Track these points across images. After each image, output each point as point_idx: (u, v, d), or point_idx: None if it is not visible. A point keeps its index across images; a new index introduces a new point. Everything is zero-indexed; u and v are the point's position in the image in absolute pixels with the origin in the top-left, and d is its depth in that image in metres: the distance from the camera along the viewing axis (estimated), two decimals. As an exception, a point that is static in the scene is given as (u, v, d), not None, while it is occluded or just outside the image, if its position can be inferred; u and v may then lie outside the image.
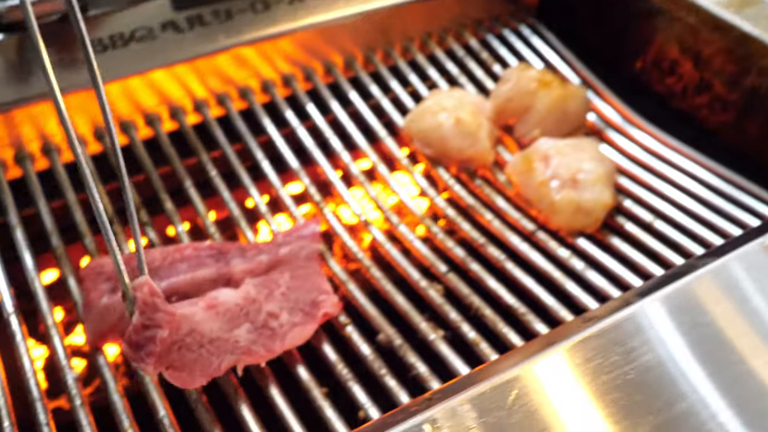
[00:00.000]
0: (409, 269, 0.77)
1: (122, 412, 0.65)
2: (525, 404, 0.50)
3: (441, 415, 0.49)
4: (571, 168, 0.83)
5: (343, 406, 0.65)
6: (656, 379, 0.52)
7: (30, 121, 0.84)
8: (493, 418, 0.49)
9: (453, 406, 0.50)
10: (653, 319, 0.55)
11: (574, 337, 0.53)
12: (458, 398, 0.50)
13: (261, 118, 0.93)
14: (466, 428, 0.48)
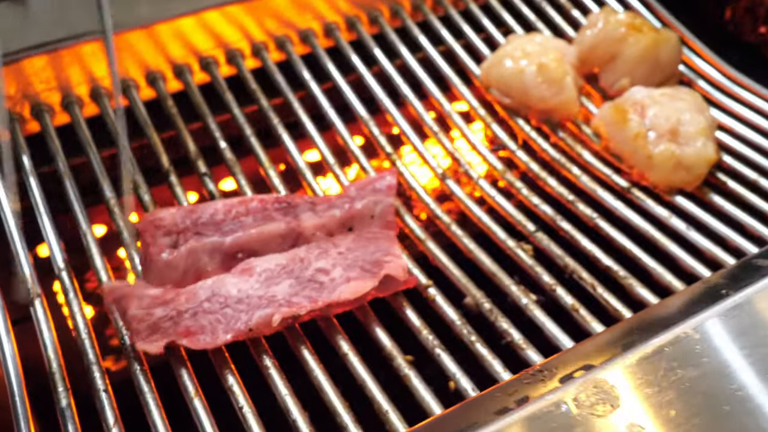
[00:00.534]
0: (493, 227, 0.71)
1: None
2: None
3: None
4: (670, 119, 0.75)
5: (430, 375, 0.59)
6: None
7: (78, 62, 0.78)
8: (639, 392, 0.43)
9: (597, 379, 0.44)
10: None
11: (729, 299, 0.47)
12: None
13: (325, 63, 0.86)
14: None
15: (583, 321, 0.62)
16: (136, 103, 0.81)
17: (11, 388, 0.59)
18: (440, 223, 0.72)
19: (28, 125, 0.79)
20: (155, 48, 0.82)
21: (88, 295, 0.79)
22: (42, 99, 0.79)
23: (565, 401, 0.45)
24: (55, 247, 0.68)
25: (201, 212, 0.67)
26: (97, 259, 0.68)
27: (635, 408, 0.44)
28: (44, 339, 0.62)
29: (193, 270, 0.65)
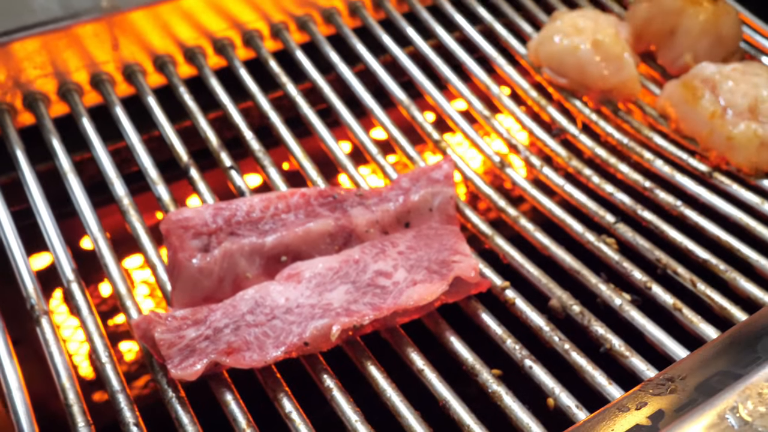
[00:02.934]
0: (567, 220, 0.62)
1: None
2: None
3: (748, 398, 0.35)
4: (747, 96, 0.68)
5: (523, 392, 0.50)
6: None
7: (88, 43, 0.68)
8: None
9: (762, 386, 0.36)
10: None
11: None
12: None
13: (353, 44, 0.77)
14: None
15: (688, 322, 0.54)
16: (144, 89, 0.71)
17: (20, 426, 0.49)
18: (506, 216, 0.63)
19: (20, 116, 0.68)
20: (162, 30, 0.73)
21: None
22: (36, 87, 0.68)
23: (729, 410, 0.37)
24: (61, 255, 0.59)
25: (235, 209, 0.58)
26: (113, 268, 0.58)
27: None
28: (56, 365, 0.52)
29: (231, 277, 0.55)
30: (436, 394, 0.50)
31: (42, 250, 0.63)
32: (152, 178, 0.64)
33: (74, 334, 0.69)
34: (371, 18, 0.80)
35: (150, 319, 0.52)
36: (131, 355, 0.68)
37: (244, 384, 0.52)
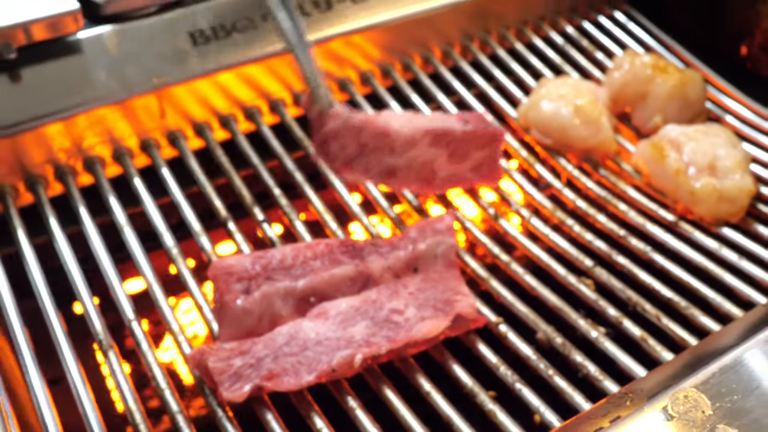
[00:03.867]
0: (552, 264, 0.73)
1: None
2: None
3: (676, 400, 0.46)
4: (707, 154, 0.78)
5: (514, 410, 0.60)
6: None
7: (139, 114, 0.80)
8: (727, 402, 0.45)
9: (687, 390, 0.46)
10: None
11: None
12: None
13: (365, 109, 0.88)
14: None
15: (652, 351, 0.64)
16: (186, 152, 0.82)
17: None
18: (499, 262, 0.73)
19: (80, 177, 0.79)
20: (200, 101, 0.84)
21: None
22: (95, 153, 0.79)
23: (660, 410, 0.47)
24: (122, 298, 0.69)
25: (270, 258, 0.68)
26: (166, 310, 0.68)
27: (726, 413, 0.46)
28: (123, 391, 0.62)
29: (268, 315, 0.66)
30: (441, 413, 0.60)
31: (99, 293, 0.73)
32: (196, 230, 0.74)
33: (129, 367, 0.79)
34: (380, 86, 0.91)
35: (203, 350, 0.62)
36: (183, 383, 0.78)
37: (282, 405, 0.62)
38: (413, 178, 0.76)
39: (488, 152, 0.78)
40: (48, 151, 0.77)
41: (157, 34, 0.80)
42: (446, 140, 0.75)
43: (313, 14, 0.87)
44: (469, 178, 0.79)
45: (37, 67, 0.77)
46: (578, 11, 1.04)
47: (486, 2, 0.98)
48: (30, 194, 0.77)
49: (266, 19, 0.85)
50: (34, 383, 0.62)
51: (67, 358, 0.64)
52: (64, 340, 0.66)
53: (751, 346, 0.51)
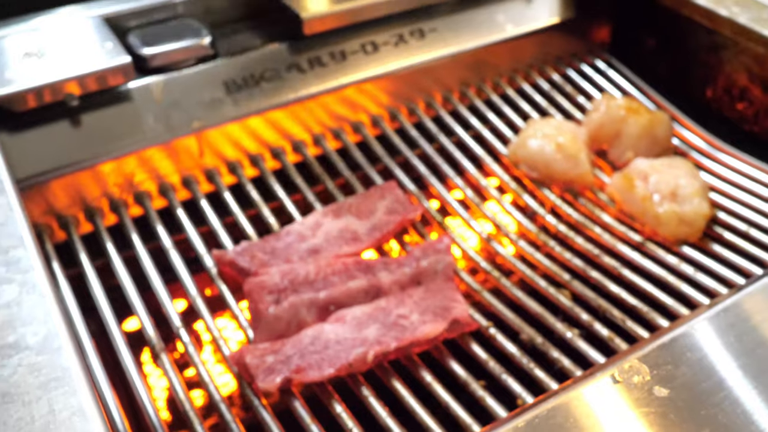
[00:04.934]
0: (535, 278, 0.85)
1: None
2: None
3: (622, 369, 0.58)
4: (669, 184, 0.91)
5: (501, 396, 0.72)
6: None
7: (181, 154, 0.93)
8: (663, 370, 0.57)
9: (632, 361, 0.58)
10: None
11: (708, 312, 0.62)
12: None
13: (375, 149, 1.01)
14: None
15: (618, 348, 0.76)
16: (221, 187, 0.95)
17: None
18: (490, 277, 0.86)
19: (131, 209, 0.93)
20: (232, 142, 0.97)
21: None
22: (143, 188, 0.93)
23: (609, 376, 0.59)
24: (170, 308, 0.81)
25: (296, 274, 0.81)
26: (209, 320, 0.81)
27: (661, 378, 0.58)
28: (175, 388, 0.75)
29: (295, 321, 0.78)
30: (440, 399, 0.72)
31: (150, 311, 0.85)
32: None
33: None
34: (389, 128, 1.04)
35: (242, 350, 0.75)
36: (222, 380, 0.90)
37: (307, 395, 0.74)
38: (341, 245, 0.87)
39: (388, 195, 0.91)
40: (103, 187, 0.90)
41: (196, 83, 0.94)
42: (345, 209, 0.89)
43: (329, 65, 1.01)
44: (392, 220, 0.89)
45: (94, 113, 0.90)
46: (563, 60, 1.18)
47: (482, 54, 1.11)
48: (89, 223, 0.90)
49: (289, 69, 0.99)
50: (103, 388, 0.72)
51: (130, 368, 0.76)
52: (126, 351, 0.77)
53: (683, 327, 0.62)
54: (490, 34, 1.11)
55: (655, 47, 1.19)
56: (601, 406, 0.56)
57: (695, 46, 1.12)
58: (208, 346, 0.93)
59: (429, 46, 1.08)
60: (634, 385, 0.57)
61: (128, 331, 0.89)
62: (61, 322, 0.59)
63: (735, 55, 1.08)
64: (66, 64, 0.87)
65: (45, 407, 0.51)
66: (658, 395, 0.57)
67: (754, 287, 0.66)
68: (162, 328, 0.81)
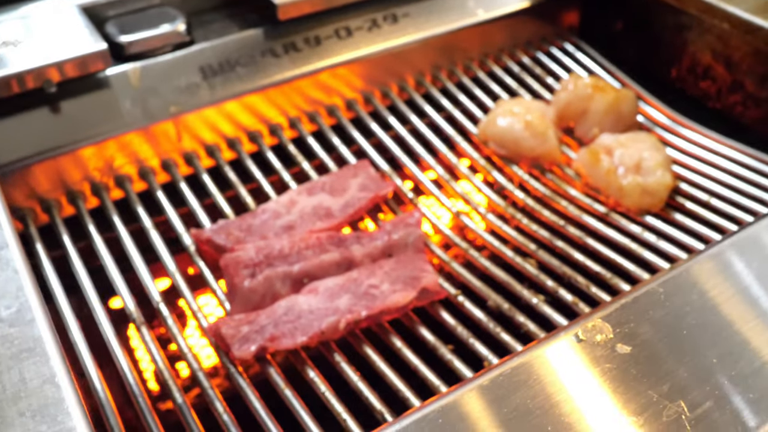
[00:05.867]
0: (502, 248, 0.88)
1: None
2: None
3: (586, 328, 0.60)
4: (633, 157, 0.94)
5: (468, 358, 0.75)
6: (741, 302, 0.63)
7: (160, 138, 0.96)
8: (625, 329, 0.60)
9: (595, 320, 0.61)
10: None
11: (670, 273, 0.65)
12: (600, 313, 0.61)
13: (350, 131, 1.04)
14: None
15: (582, 312, 0.79)
16: (200, 170, 0.98)
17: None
18: (459, 249, 0.89)
19: (113, 192, 0.95)
20: (210, 126, 1.00)
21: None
22: (123, 171, 0.95)
23: (573, 335, 0.61)
24: (150, 285, 0.84)
25: (271, 248, 0.84)
26: (188, 295, 0.84)
27: (623, 336, 0.60)
28: (154, 356, 0.77)
29: (270, 293, 0.81)
30: (410, 363, 0.75)
31: (132, 290, 0.87)
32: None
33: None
34: (363, 111, 1.07)
35: (218, 321, 0.77)
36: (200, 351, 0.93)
37: (280, 362, 0.77)
38: (315, 221, 0.89)
39: (361, 173, 0.94)
40: (84, 171, 0.93)
41: (173, 69, 0.97)
42: (319, 188, 0.92)
43: (304, 50, 1.04)
44: (364, 197, 0.92)
45: (73, 100, 0.93)
46: (533, 44, 1.21)
47: (453, 38, 1.14)
48: (71, 206, 0.93)
49: (264, 55, 1.02)
50: (87, 363, 0.75)
51: (112, 341, 0.78)
52: (108, 326, 0.80)
53: (644, 288, 0.65)
54: (461, 19, 1.14)
55: (623, 30, 1.22)
56: (564, 364, 0.59)
57: (661, 28, 1.15)
58: (192, 320, 0.96)
59: (402, 31, 1.10)
60: (597, 343, 0.59)
61: (114, 309, 0.92)
62: (35, 296, 0.61)
63: (700, 35, 1.11)
64: (43, 52, 0.89)
65: (16, 376, 0.53)
66: (620, 352, 0.59)
67: (713, 250, 0.69)
68: (145, 305, 0.84)
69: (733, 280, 0.65)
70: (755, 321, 0.62)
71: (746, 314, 0.62)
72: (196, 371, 0.76)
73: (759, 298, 0.64)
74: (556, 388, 0.56)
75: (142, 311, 0.82)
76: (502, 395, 0.55)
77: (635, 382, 0.56)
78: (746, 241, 0.69)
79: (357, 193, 0.92)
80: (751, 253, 0.68)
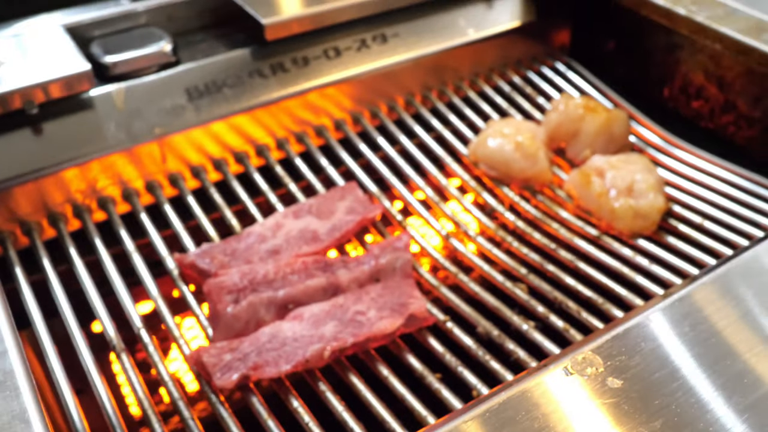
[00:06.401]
0: (492, 273, 0.86)
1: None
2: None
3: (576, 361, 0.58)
4: (625, 179, 0.93)
5: (456, 388, 0.73)
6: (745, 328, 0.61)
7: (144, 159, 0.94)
8: (616, 361, 0.58)
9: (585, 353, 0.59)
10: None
11: (663, 302, 0.63)
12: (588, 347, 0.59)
13: (338, 152, 1.03)
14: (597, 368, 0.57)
15: (573, 338, 0.77)
16: (185, 191, 0.96)
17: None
18: (448, 273, 0.87)
19: (95, 215, 0.93)
20: (196, 147, 0.98)
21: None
22: (106, 193, 0.94)
23: (562, 368, 0.59)
24: (131, 310, 0.82)
25: (255, 273, 0.82)
26: (169, 320, 0.82)
27: (614, 369, 0.59)
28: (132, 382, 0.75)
29: (254, 320, 0.79)
30: (397, 392, 0.73)
31: (114, 315, 0.85)
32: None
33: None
34: (351, 131, 1.06)
35: (200, 349, 0.75)
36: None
37: (264, 391, 0.75)
38: (301, 245, 0.88)
39: (348, 195, 0.92)
40: (67, 193, 0.91)
41: (158, 90, 0.95)
42: (306, 210, 0.90)
43: (291, 70, 1.03)
44: (352, 220, 0.90)
45: (55, 121, 0.91)
46: (524, 63, 1.20)
47: (444, 58, 1.13)
48: (53, 229, 0.91)
49: (252, 75, 1.01)
50: (65, 392, 0.73)
51: (91, 369, 0.76)
52: (87, 353, 0.78)
53: (637, 318, 0.63)
54: (451, 38, 1.13)
55: (614, 49, 1.21)
56: (554, 398, 0.57)
57: (653, 47, 1.14)
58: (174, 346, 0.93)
59: (391, 51, 1.09)
60: (588, 376, 0.58)
61: (96, 332, 0.90)
62: (7, 327, 0.59)
63: (692, 55, 1.10)
64: (25, 73, 0.88)
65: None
66: (611, 386, 0.57)
67: (708, 277, 0.67)
68: (126, 330, 0.82)
69: (730, 308, 0.63)
70: (755, 350, 0.60)
71: (743, 344, 0.61)
72: (176, 400, 0.74)
73: (758, 326, 0.62)
74: (545, 425, 0.54)
75: (123, 336, 0.80)
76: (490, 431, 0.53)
77: (627, 418, 0.54)
78: (743, 266, 0.68)
79: (344, 216, 0.91)
80: (749, 278, 0.66)
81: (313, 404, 0.73)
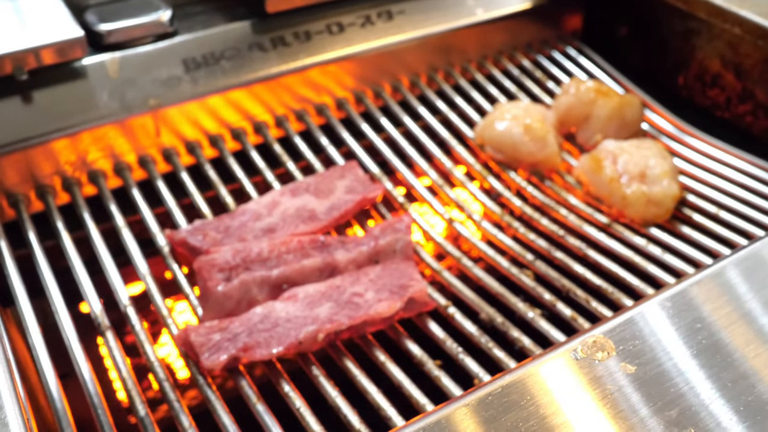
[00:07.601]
0: (497, 258, 0.82)
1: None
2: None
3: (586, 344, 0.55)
4: (638, 164, 0.89)
5: (457, 376, 0.69)
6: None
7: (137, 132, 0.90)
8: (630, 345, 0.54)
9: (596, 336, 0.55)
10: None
11: (680, 285, 0.59)
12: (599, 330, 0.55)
13: (339, 132, 0.99)
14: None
15: (580, 327, 0.74)
16: (179, 167, 0.92)
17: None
18: (451, 258, 0.83)
19: (85, 188, 0.90)
20: (191, 122, 0.94)
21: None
22: (97, 166, 0.90)
23: (572, 351, 0.56)
24: (120, 288, 0.78)
25: (249, 251, 0.78)
26: (158, 299, 0.78)
27: (627, 354, 0.55)
28: (118, 365, 0.72)
29: (246, 299, 0.76)
30: (394, 379, 0.69)
31: (102, 295, 0.82)
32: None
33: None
34: (354, 111, 1.02)
35: (187, 329, 0.72)
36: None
37: (254, 374, 0.71)
38: (298, 224, 0.84)
39: (348, 174, 0.88)
40: (56, 164, 0.87)
41: (154, 60, 0.91)
42: (303, 188, 0.86)
43: (293, 45, 0.99)
44: (351, 199, 0.87)
45: (46, 89, 0.87)
46: (534, 47, 1.16)
47: (451, 38, 1.09)
48: (40, 202, 0.87)
49: (251, 48, 0.97)
50: (47, 376, 0.69)
51: (76, 352, 0.72)
52: (73, 335, 0.74)
53: (651, 302, 0.59)
54: (459, 18, 1.09)
55: (628, 35, 1.17)
56: (562, 384, 0.53)
57: (668, 33, 1.10)
58: (165, 332, 0.90)
59: (396, 28, 1.05)
60: (598, 361, 0.54)
61: (84, 313, 0.86)
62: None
63: (709, 41, 1.06)
64: (16, 38, 0.84)
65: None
66: (624, 371, 0.54)
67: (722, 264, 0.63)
68: (114, 310, 0.78)
69: (748, 297, 0.59)
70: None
71: (763, 334, 0.57)
72: (162, 382, 0.70)
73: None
74: (551, 411, 0.50)
75: (111, 317, 0.76)
76: (492, 416, 0.49)
77: (640, 406, 0.51)
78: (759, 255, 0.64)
79: (343, 195, 0.87)
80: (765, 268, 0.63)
81: (305, 389, 0.69)
